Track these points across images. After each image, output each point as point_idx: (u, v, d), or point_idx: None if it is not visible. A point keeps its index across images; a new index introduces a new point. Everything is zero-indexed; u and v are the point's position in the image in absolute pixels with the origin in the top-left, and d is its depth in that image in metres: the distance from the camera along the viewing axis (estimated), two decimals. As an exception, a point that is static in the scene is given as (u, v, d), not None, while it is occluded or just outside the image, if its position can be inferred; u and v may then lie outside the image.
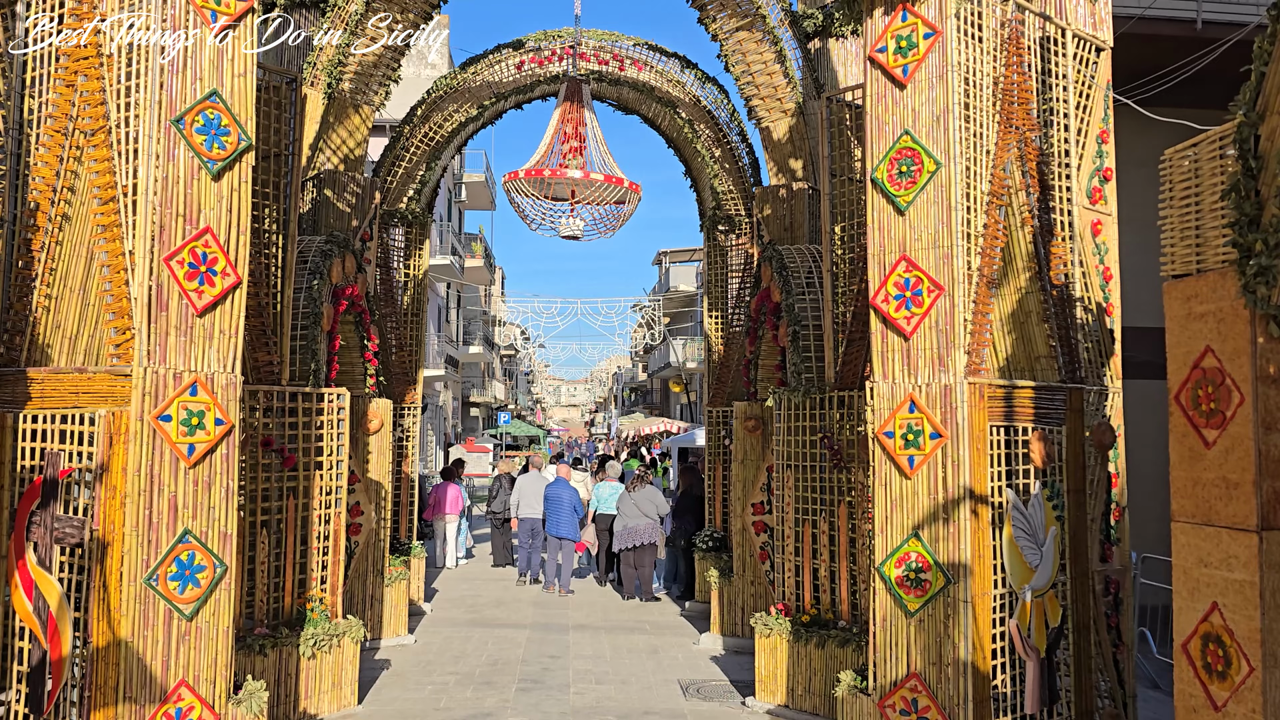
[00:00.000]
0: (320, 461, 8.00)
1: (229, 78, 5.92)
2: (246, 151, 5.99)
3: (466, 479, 23.79)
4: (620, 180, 9.04)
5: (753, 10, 11.07)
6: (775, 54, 11.30)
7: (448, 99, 12.74)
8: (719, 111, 12.81)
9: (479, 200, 40.54)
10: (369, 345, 9.95)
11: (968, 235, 5.99)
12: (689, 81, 12.79)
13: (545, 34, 12.65)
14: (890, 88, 6.21)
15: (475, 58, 12.68)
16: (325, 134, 11.09)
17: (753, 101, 11.61)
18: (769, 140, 11.71)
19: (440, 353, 32.78)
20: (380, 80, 11.36)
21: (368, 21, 10.92)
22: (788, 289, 8.77)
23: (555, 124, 9.35)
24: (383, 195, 12.47)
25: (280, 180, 7.86)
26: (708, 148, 12.89)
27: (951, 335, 5.89)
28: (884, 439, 6.12)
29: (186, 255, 5.67)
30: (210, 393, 5.73)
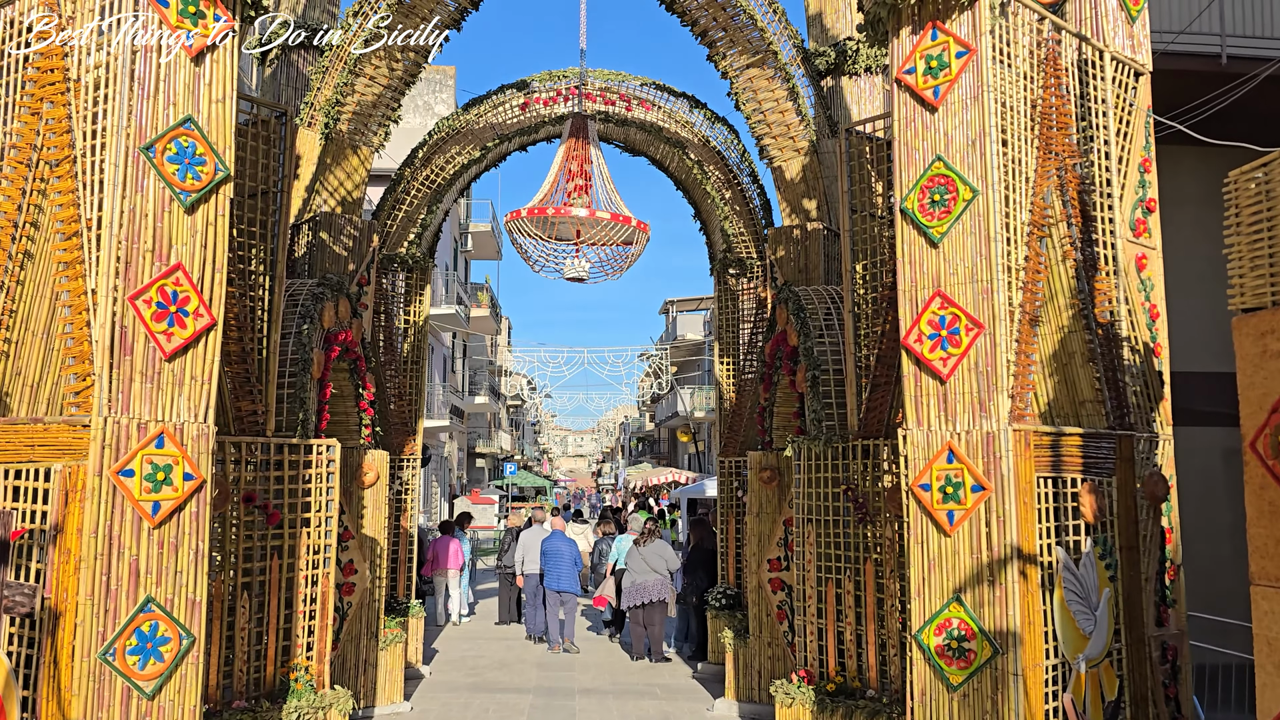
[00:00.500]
0: (308, 518, 7.42)
1: (205, 103, 5.45)
2: (224, 183, 5.50)
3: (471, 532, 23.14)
4: (627, 219, 8.57)
5: (763, 46, 10.68)
6: (787, 91, 10.89)
7: (450, 141, 12.34)
8: (729, 152, 12.38)
9: (485, 250, 40.27)
10: (364, 394, 9.42)
11: (1008, 268, 5.46)
12: (698, 122, 12.38)
13: (550, 74, 12.28)
14: (920, 111, 5.72)
15: (478, 99, 12.30)
16: (322, 175, 10.66)
17: (764, 140, 11.18)
18: (781, 180, 11.26)
19: (445, 403, 32.25)
20: (380, 120, 10.96)
21: (367, 61, 10.54)
22: (806, 331, 8.24)
23: (560, 161, 8.90)
24: (382, 239, 12.03)
25: (268, 218, 7.39)
26: (718, 189, 12.45)
27: (993, 377, 5.34)
28: (920, 492, 5.54)
29: (154, 294, 5.16)
30: (179, 444, 5.18)
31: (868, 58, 11.22)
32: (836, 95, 11.23)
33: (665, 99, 12.34)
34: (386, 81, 10.77)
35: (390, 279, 12.14)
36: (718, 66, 11.01)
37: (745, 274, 12.52)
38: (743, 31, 10.67)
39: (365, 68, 10.57)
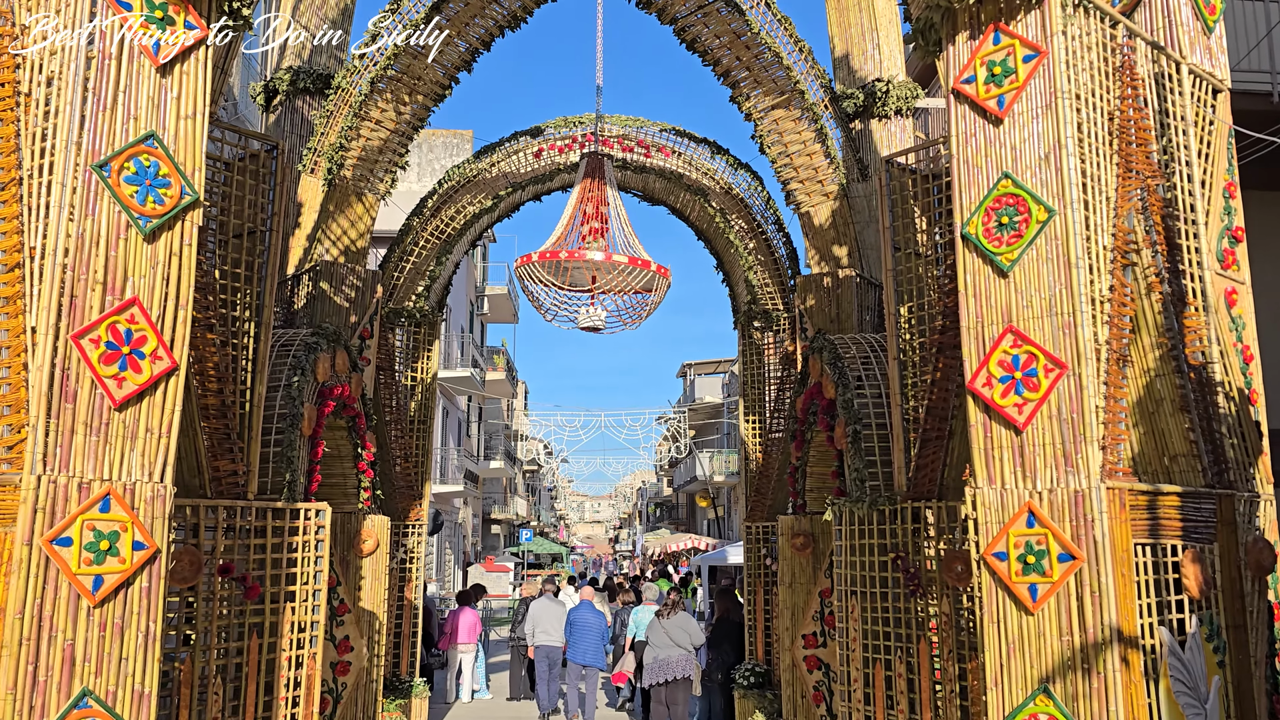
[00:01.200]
0: (293, 591, 6.61)
1: (173, 119, 4.78)
2: (192, 208, 4.81)
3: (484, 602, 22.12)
4: (646, 263, 7.87)
5: (789, 86, 10.06)
6: (815, 133, 10.24)
7: (460, 190, 11.73)
8: (753, 199, 11.72)
9: (502, 313, 39.76)
10: (364, 454, 8.65)
11: (1091, 300, 4.68)
12: (720, 168, 11.74)
13: (566, 120, 11.70)
14: (982, 124, 4.99)
15: (490, 146, 11.71)
16: (325, 223, 10.04)
17: (791, 185, 10.51)
18: (809, 226, 10.56)
19: (460, 468, 31.42)
20: (386, 166, 10.36)
21: (373, 104, 9.97)
22: (844, 382, 7.44)
23: (574, 203, 8.24)
24: (389, 292, 11.36)
25: (256, 260, 6.70)
26: (741, 238, 11.76)
27: (1080, 425, 4.52)
28: (994, 562, 4.69)
29: (104, 332, 4.43)
30: (128, 508, 4.41)
31: (898, 99, 10.60)
32: (865, 138, 10.58)
33: (686, 145, 11.73)
34: (393, 125, 10.19)
35: (396, 333, 11.45)
36: (741, 108, 10.40)
37: (771, 327, 11.77)
38: (767, 71, 10.07)
39: (371, 111, 10.00)
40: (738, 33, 9.85)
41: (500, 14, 9.81)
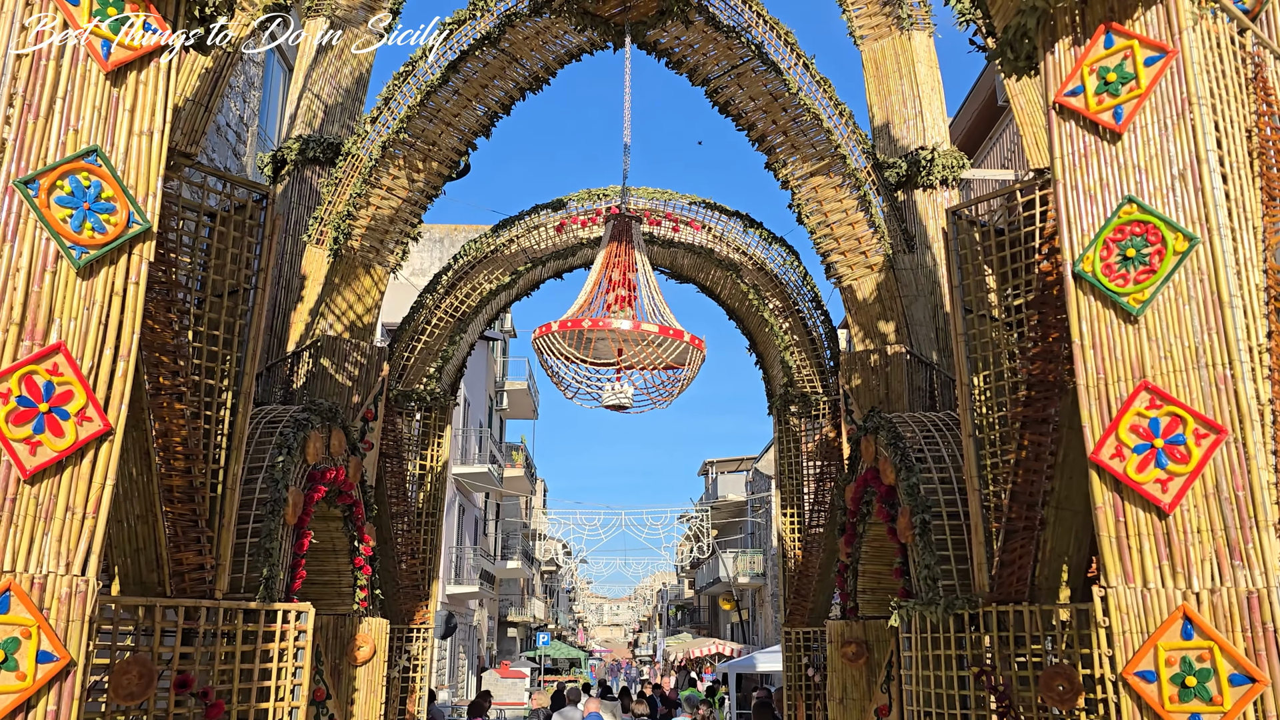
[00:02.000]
0: (266, 709, 5.54)
1: (124, 134, 3.96)
2: (141, 240, 3.95)
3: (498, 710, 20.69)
4: (679, 333, 6.97)
5: (830, 151, 9.29)
6: (857, 200, 9.43)
7: (477, 266, 10.95)
8: (788, 275, 10.87)
9: (521, 409, 38.90)
10: (360, 549, 7.64)
11: (1249, 348, 3.71)
12: (753, 243, 10.93)
13: (589, 193, 10.98)
14: (1094, 141, 4.11)
15: (509, 220, 10.97)
16: (329, 297, 9.23)
17: (832, 257, 9.66)
18: (852, 301, 9.67)
19: (476, 568, 30.14)
20: (396, 237, 9.60)
21: (385, 170, 9.26)
22: (907, 465, 6.43)
23: (599, 269, 7.40)
24: (398, 373, 10.49)
25: (238, 322, 5.84)
26: (776, 317, 10.88)
27: (1249, 505, 3.51)
28: (1139, 684, 3.62)
29: (15, 384, 3.52)
30: (35, 608, 3.43)
31: (944, 168, 9.80)
32: (909, 210, 9.76)
33: (716, 219, 10.95)
34: (406, 194, 9.45)
35: (405, 418, 10.54)
36: (777, 175, 9.62)
37: (809, 412, 10.79)
38: (806, 135, 9.31)
39: (382, 178, 9.27)
40: (774, 94, 9.14)
41: (521, 75, 9.15)
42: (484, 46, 8.74)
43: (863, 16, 10.34)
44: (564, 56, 9.01)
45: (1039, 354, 5.56)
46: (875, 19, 10.27)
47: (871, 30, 10.33)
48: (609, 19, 8.42)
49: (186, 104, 5.59)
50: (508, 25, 8.59)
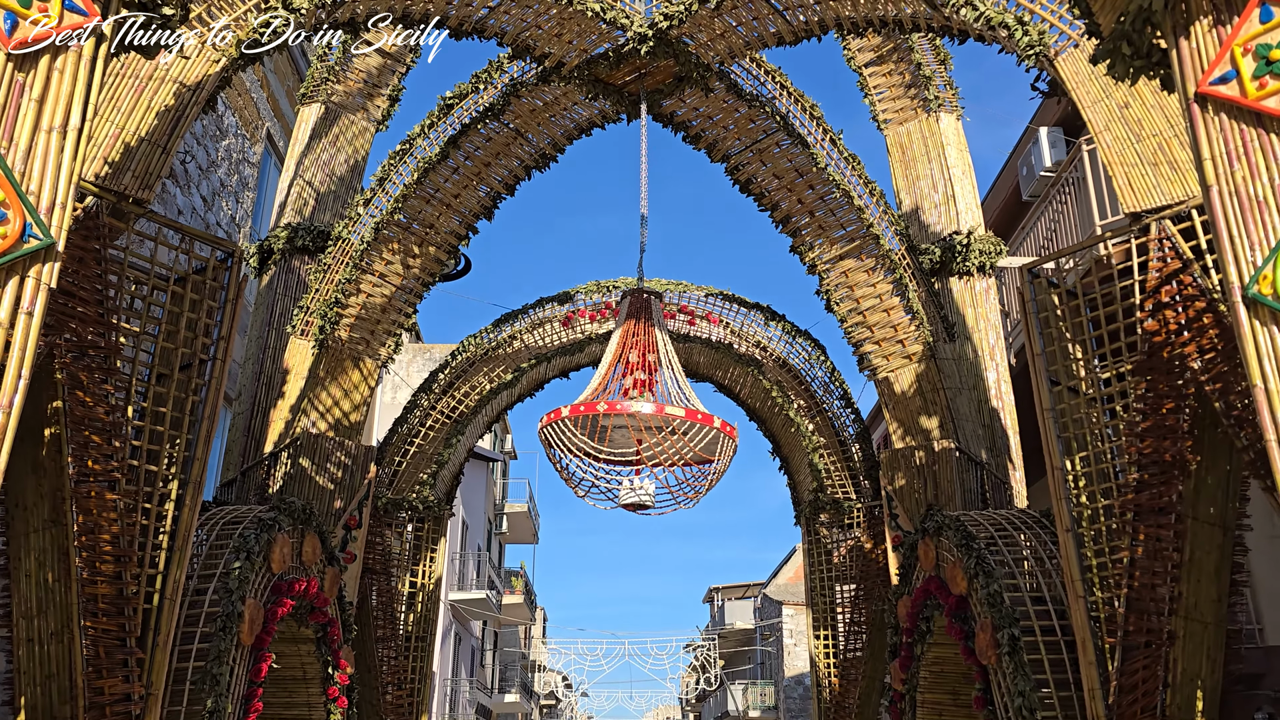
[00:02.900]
0: None
1: (27, 129, 3.08)
2: (40, 259, 3.02)
3: None
4: (708, 418, 6.00)
5: (861, 232, 8.49)
6: (892, 284, 8.58)
7: (477, 364, 10.03)
8: (813, 371, 9.95)
9: (521, 533, 37.44)
10: (336, 676, 6.47)
11: None
12: (775, 337, 10.05)
13: (597, 284, 10.16)
14: (1259, 136, 3.22)
15: (512, 314, 10.11)
16: (313, 392, 8.27)
17: (865, 347, 8.75)
18: (889, 394, 8.72)
19: (472, 701, 28.26)
20: (389, 328, 8.70)
21: (377, 255, 8.44)
22: (986, 570, 5.35)
23: (615, 350, 6.48)
24: (389, 479, 9.45)
25: (189, 398, 4.86)
26: (802, 416, 9.90)
27: None
28: None
29: None
30: None
31: (981, 254, 9.01)
32: (945, 299, 8.92)
33: (735, 311, 10.09)
34: (400, 280, 8.61)
35: (396, 531, 9.44)
36: (804, 259, 8.80)
37: (841, 520, 9.70)
38: (835, 215, 8.53)
39: (375, 262, 8.44)
40: (799, 170, 8.39)
41: (527, 152, 8.42)
42: (487, 120, 8.02)
43: (886, 100, 9.72)
44: (573, 131, 8.30)
45: (1150, 429, 4.58)
46: (900, 102, 9.65)
47: (896, 114, 9.70)
48: (623, 88, 7.72)
49: (141, 143, 4.76)
50: (513, 96, 7.89)
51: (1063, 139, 12.33)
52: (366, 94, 9.86)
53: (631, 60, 7.38)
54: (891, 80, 9.70)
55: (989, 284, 9.14)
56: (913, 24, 6.49)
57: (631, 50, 7.15)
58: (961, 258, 8.99)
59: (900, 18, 6.51)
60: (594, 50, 7.34)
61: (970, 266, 9.02)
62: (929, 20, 6.39)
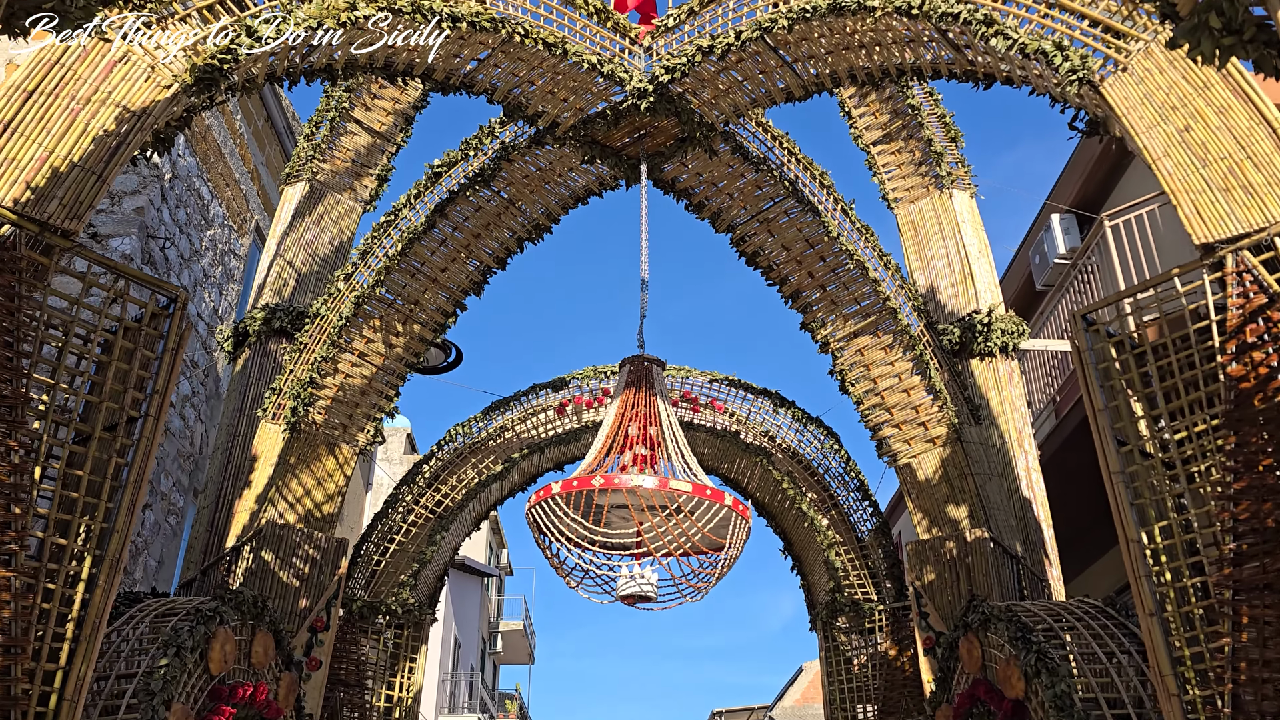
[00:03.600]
0: None
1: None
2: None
3: None
4: (719, 495, 5.25)
5: (877, 307, 7.88)
6: (912, 362, 7.93)
7: (465, 456, 9.29)
8: (827, 461, 9.20)
9: (517, 653, 35.87)
10: (288, 802, 5.53)
11: None
12: (784, 424, 9.33)
13: (595, 370, 9.49)
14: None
15: (502, 401, 9.41)
16: (282, 479, 7.52)
17: (884, 431, 8.04)
18: (911, 481, 7.96)
19: (462, 837, 26.38)
20: (368, 412, 8.01)
21: (357, 331, 7.81)
22: (1050, 668, 4.51)
23: (612, 423, 5.77)
24: (365, 580, 8.59)
25: (113, 459, 4.13)
26: (815, 510, 9.10)
27: None
28: None
29: None
30: None
31: (1003, 334, 8.38)
32: (967, 382, 8.26)
33: (741, 398, 9.40)
34: (381, 361, 7.95)
35: (373, 638, 8.52)
36: (815, 336, 8.16)
37: (862, 624, 8.80)
38: (848, 289, 7.94)
39: (355, 340, 7.80)
40: (810, 241, 7.83)
41: (520, 223, 7.86)
42: (476, 186, 7.50)
43: (896, 178, 9.25)
44: (568, 199, 7.77)
45: (1246, 490, 3.85)
46: (910, 180, 9.17)
47: (906, 192, 9.21)
48: (621, 150, 7.21)
49: (73, 169, 4.15)
50: (504, 160, 7.38)
51: (1075, 225, 11.87)
52: (354, 173, 9.39)
53: (631, 119, 6.88)
54: (901, 158, 9.25)
55: (1012, 366, 8.49)
56: (933, 70, 5.99)
57: (630, 107, 6.65)
58: (983, 337, 8.36)
59: (919, 65, 6.02)
60: (590, 109, 6.85)
61: (992, 347, 8.38)
62: (950, 66, 5.90)
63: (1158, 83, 4.53)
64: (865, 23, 5.81)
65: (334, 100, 9.13)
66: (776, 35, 6.13)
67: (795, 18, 5.89)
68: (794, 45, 6.26)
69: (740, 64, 6.46)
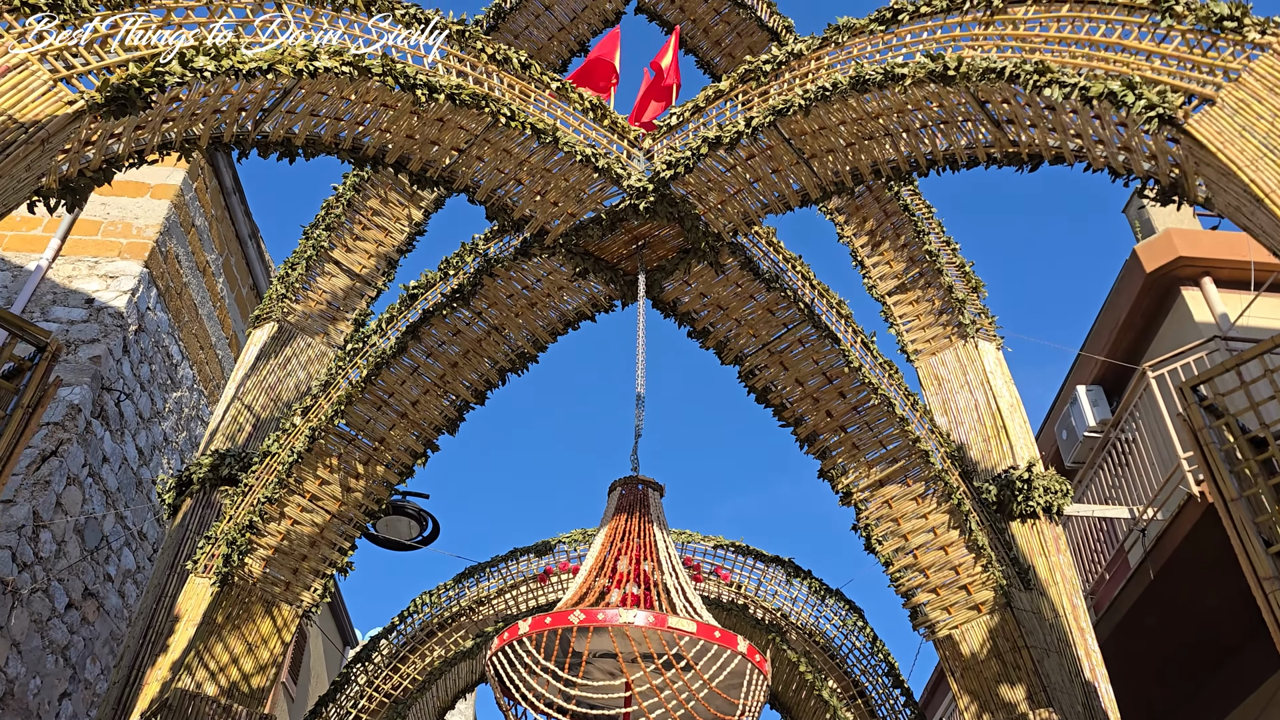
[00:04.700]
0: None
1: None
2: None
3: None
4: (730, 638, 4.07)
5: (905, 449, 6.90)
6: (949, 515, 6.85)
7: (431, 633, 7.98)
8: (849, 640, 7.89)
9: None
10: None
11: None
12: (800, 598, 8.09)
13: (584, 533, 8.34)
14: None
15: (477, 568, 8.20)
16: (204, 642, 6.25)
17: (918, 596, 6.84)
18: (954, 657, 6.68)
19: None
20: (317, 566, 6.83)
21: (309, 471, 6.76)
22: None
23: (597, 555, 4.63)
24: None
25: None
26: (837, 699, 7.70)
27: None
28: None
29: None
30: None
31: (1046, 493, 7.35)
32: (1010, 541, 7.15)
33: (750, 567, 8.20)
34: (336, 507, 6.86)
35: None
36: (835, 486, 7.11)
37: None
38: (871, 429, 6.97)
39: (306, 480, 6.75)
40: (828, 374, 6.91)
41: (503, 352, 6.97)
42: (455, 306, 6.65)
43: (915, 329, 8.47)
44: (557, 324, 6.90)
45: None
46: (931, 330, 8.40)
47: (928, 344, 8.41)
48: (616, 264, 6.43)
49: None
50: (486, 275, 6.57)
51: (1103, 396, 11.01)
52: (329, 317, 8.60)
53: (628, 226, 6.14)
54: (920, 308, 8.51)
55: (1058, 532, 7.38)
56: (969, 157, 5.27)
57: (628, 209, 5.92)
58: (1023, 496, 7.30)
59: (953, 152, 5.31)
60: (583, 214, 6.11)
61: (1035, 507, 7.31)
62: (989, 149, 5.18)
63: (1258, 112, 3.76)
64: (892, 100, 5.13)
65: (313, 239, 8.47)
66: (792, 125, 5.47)
67: (814, 98, 5.23)
68: (811, 138, 5.58)
69: (750, 161, 5.77)
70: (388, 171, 8.64)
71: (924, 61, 4.79)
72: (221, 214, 12.32)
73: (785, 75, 5.59)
